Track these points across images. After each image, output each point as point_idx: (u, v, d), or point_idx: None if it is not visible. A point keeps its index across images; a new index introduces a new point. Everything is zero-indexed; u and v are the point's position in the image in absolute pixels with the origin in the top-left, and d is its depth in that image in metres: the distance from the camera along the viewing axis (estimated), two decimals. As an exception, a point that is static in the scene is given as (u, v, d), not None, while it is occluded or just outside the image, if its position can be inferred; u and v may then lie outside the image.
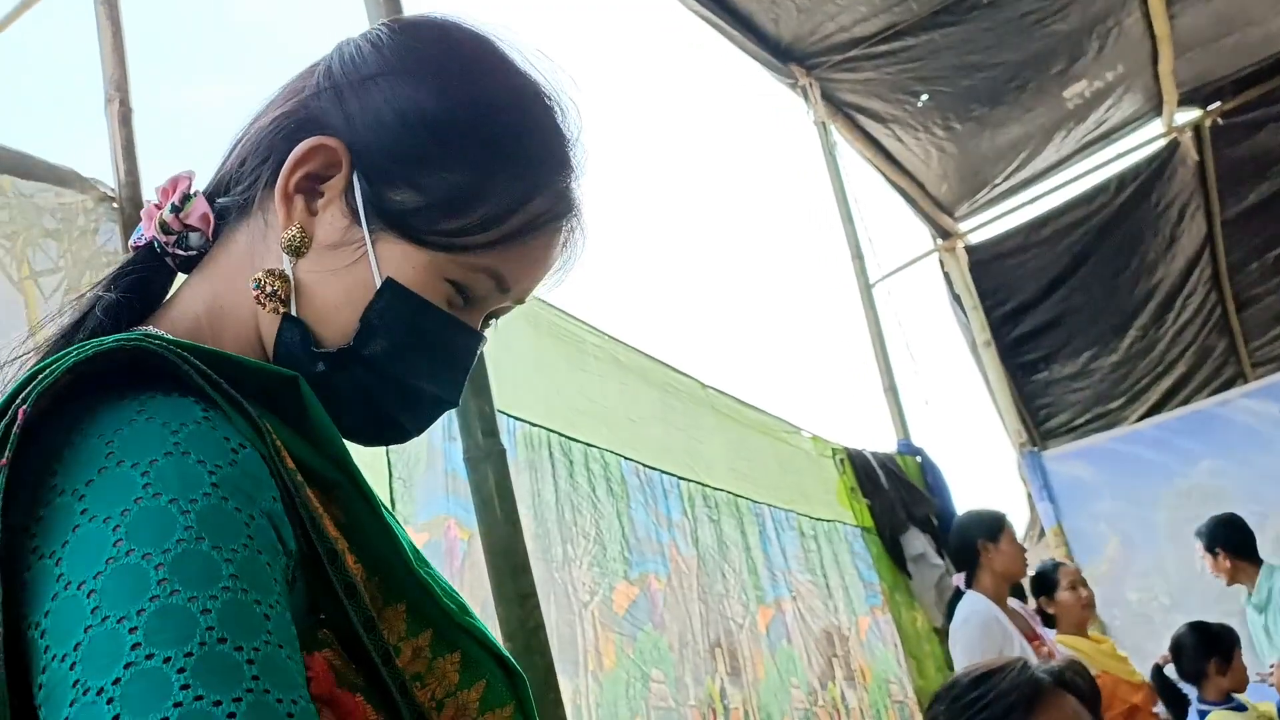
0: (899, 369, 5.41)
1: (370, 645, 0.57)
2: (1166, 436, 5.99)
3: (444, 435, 2.52)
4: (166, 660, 0.47)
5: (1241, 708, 3.59)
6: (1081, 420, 7.14)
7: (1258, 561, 4.34)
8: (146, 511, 0.51)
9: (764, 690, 3.26)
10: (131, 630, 0.48)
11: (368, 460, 2.37)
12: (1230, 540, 4.36)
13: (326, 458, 0.62)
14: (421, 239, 0.68)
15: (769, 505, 3.74)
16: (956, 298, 6.38)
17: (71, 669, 0.48)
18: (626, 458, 3.04)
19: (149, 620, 0.48)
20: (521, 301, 0.75)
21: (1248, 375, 6.99)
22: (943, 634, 4.40)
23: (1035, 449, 6.26)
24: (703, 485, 3.37)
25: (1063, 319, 6.81)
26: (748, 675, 3.20)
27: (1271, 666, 3.71)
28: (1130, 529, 5.87)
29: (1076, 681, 1.35)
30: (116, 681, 0.46)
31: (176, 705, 0.46)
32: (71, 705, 0.47)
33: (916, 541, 4.39)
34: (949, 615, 3.79)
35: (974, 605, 3.51)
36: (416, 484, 2.43)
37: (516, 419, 2.69)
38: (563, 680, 2.34)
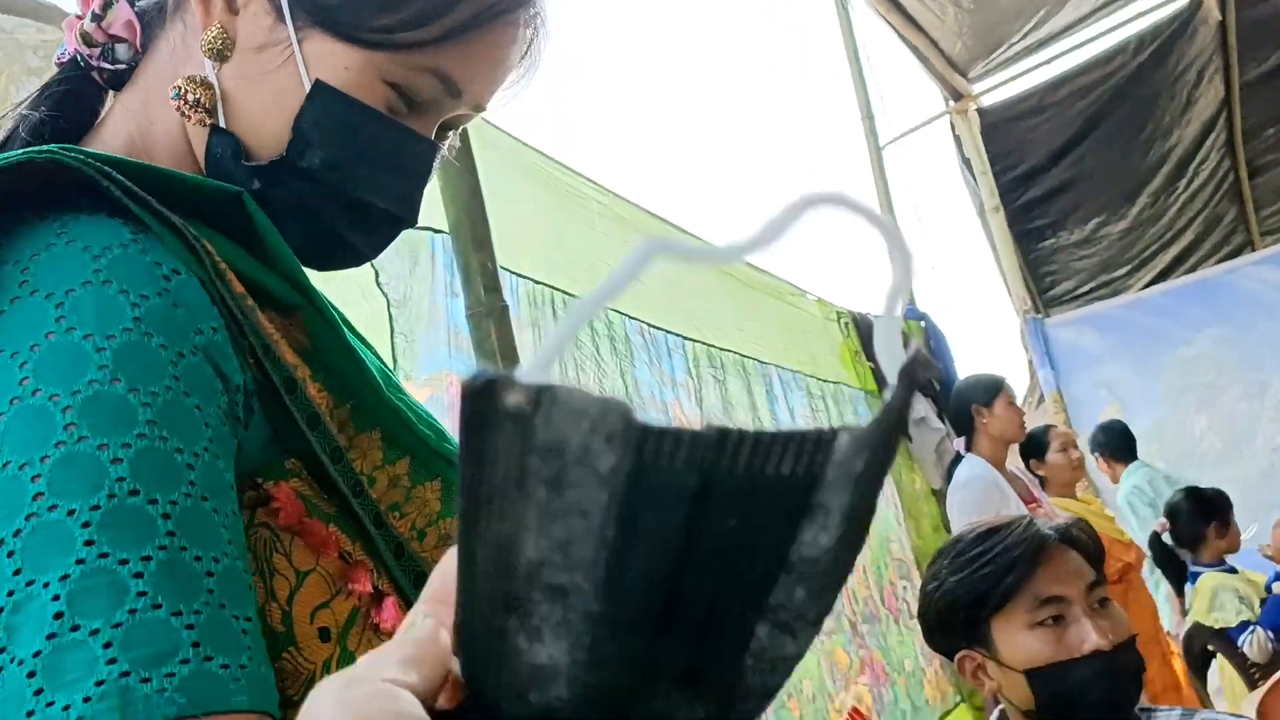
0: (908, 233, 5.33)
1: (337, 476, 0.54)
2: (1172, 304, 5.96)
3: (446, 291, 2.48)
4: (70, 513, 0.43)
5: (1233, 570, 3.66)
6: (1086, 288, 7.10)
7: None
8: (57, 348, 0.46)
9: (767, 546, 3.30)
10: (34, 479, 0.44)
11: (369, 315, 2.33)
12: (1108, 445, 4.81)
13: (282, 278, 0.56)
14: (353, 36, 0.61)
15: (776, 366, 3.73)
16: (966, 161, 6.26)
17: None
18: (631, 317, 3.00)
19: (53, 469, 0.44)
20: (481, 109, 0.68)
21: (1256, 244, 6.92)
22: (940, 495, 4.45)
23: (1038, 316, 6.23)
24: (708, 345, 3.34)
25: (1073, 184, 6.69)
26: (750, 533, 3.24)
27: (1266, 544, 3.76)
28: (1130, 395, 5.90)
29: (1081, 538, 1.34)
30: (17, 533, 0.43)
31: (79, 562, 0.42)
32: None
33: (918, 405, 4.40)
34: (948, 478, 3.84)
35: (972, 468, 3.55)
36: (418, 339, 2.39)
37: (519, 275, 2.64)
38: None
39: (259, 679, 0.45)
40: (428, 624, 0.31)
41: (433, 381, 2.38)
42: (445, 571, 0.33)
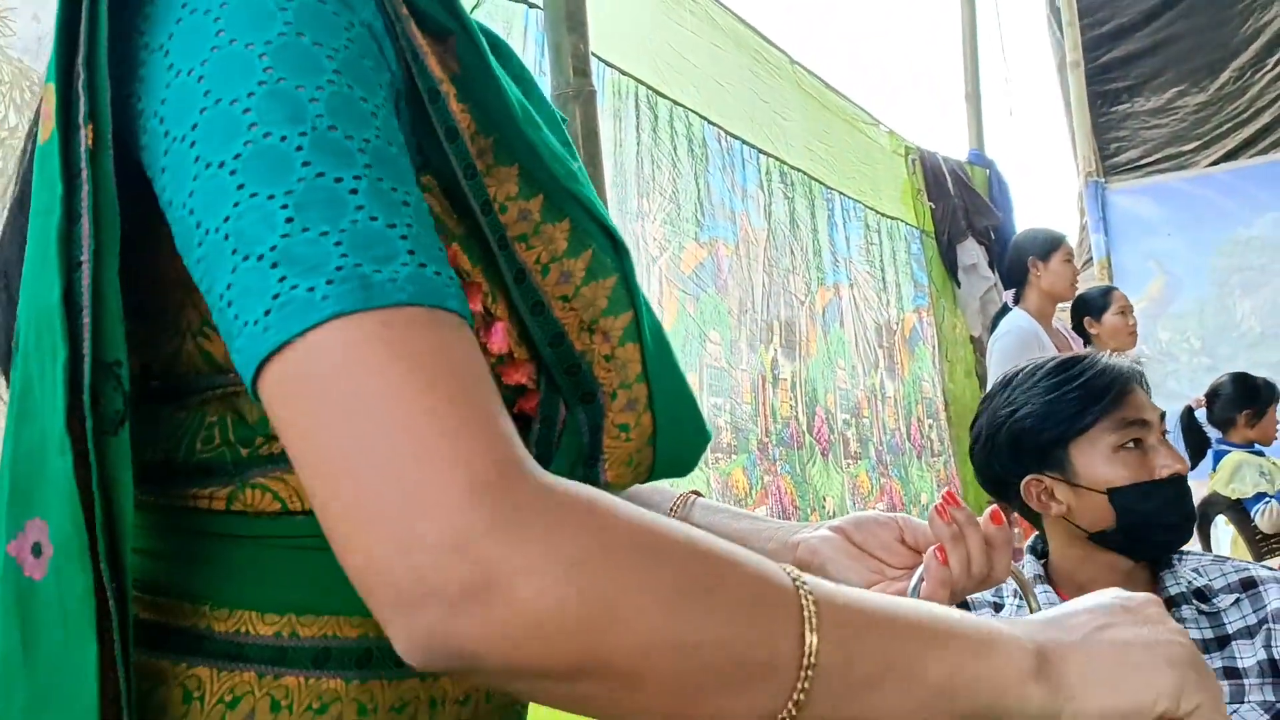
0: (985, 76, 5.18)
1: (469, 191, 0.55)
2: (1239, 183, 5.82)
3: (535, 69, 2.45)
4: (283, 138, 0.46)
5: (1260, 453, 3.72)
6: (1150, 159, 6.91)
7: None
8: (244, 3, 0.49)
9: (813, 366, 3.37)
10: (245, 111, 0.47)
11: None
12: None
13: (438, 1, 0.56)
14: None
15: (839, 193, 3.70)
16: (1056, 10, 5.99)
17: (191, 147, 0.47)
18: (710, 121, 2.96)
19: (260, 102, 0.47)
20: None
21: (1335, 135, 6.68)
22: (978, 343, 4.49)
23: (1100, 180, 6.11)
24: (780, 161, 3.31)
25: (1159, 49, 6.42)
26: (800, 350, 3.30)
27: None
28: (1178, 270, 5.84)
29: (1144, 378, 1.38)
30: (237, 156, 0.46)
31: (300, 180, 0.46)
32: (195, 180, 0.47)
33: (972, 251, 4.38)
34: (993, 327, 3.87)
35: (1017, 320, 3.57)
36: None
37: (607, 63, 2.60)
38: (624, 330, 2.39)
39: (462, 291, 0.48)
40: None
41: (514, 159, 2.37)
42: None
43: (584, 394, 0.60)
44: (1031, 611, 0.75)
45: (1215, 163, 6.51)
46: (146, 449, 0.56)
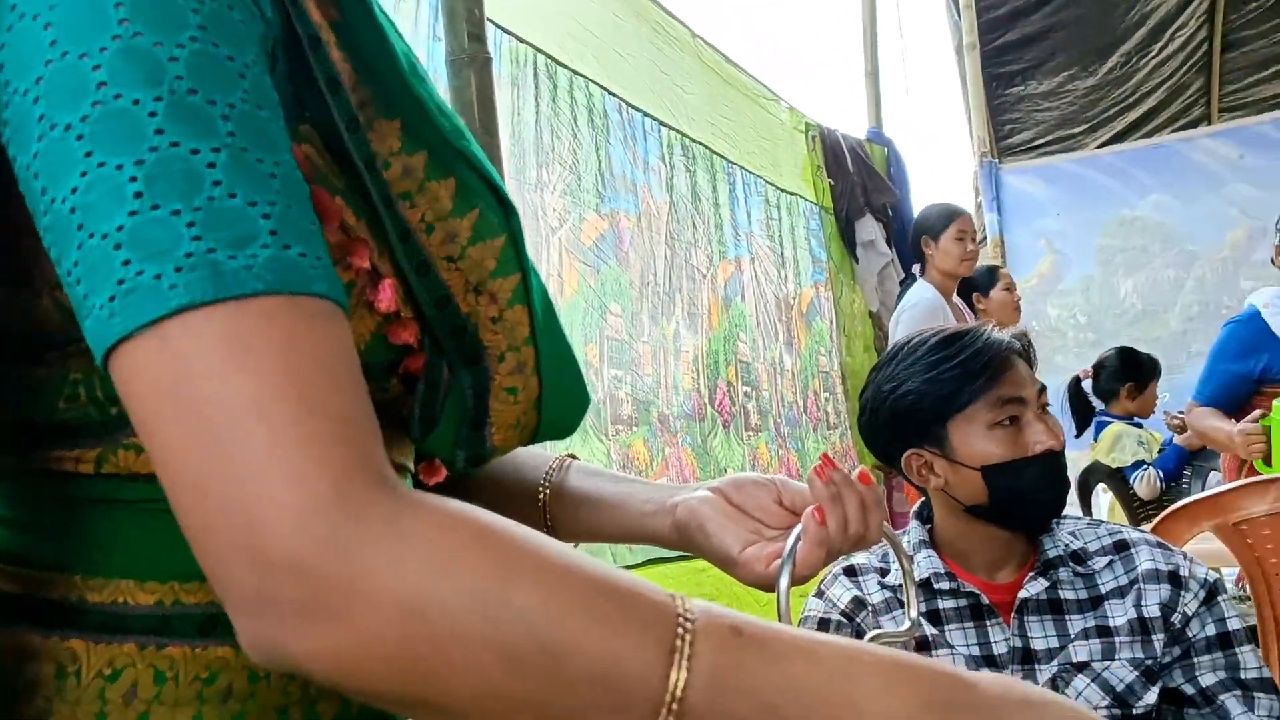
0: (884, 55, 5.26)
1: (351, 145, 0.52)
2: (1123, 165, 6.04)
3: (429, 34, 2.40)
4: (135, 102, 0.43)
5: (1139, 425, 3.88)
6: (1042, 141, 7.13)
7: None
8: None
9: (714, 339, 3.39)
10: (95, 68, 0.43)
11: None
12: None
13: None
14: None
15: (741, 167, 3.72)
16: (953, -8, 6.12)
17: (35, 104, 0.44)
18: (611, 93, 2.94)
19: (112, 59, 0.43)
20: None
21: (1214, 118, 6.97)
22: (876, 318, 4.58)
23: (994, 161, 6.26)
24: (682, 134, 3.31)
25: (1050, 33, 6.60)
26: (702, 323, 3.31)
27: (1181, 412, 3.96)
28: (1066, 249, 6.04)
29: (1026, 350, 1.41)
30: (85, 119, 0.43)
31: (152, 149, 0.43)
32: (40, 140, 0.44)
33: (870, 228, 4.45)
34: (898, 301, 3.94)
35: (922, 292, 3.65)
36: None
37: (504, 30, 2.56)
38: (522, 300, 2.37)
39: (332, 271, 0.46)
40: None
41: (408, 126, 2.32)
42: None
43: (470, 356, 0.59)
44: (904, 570, 0.76)
45: (1103, 145, 6.74)
46: (1, 410, 0.52)
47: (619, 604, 0.45)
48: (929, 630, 1.34)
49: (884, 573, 1.40)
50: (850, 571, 1.42)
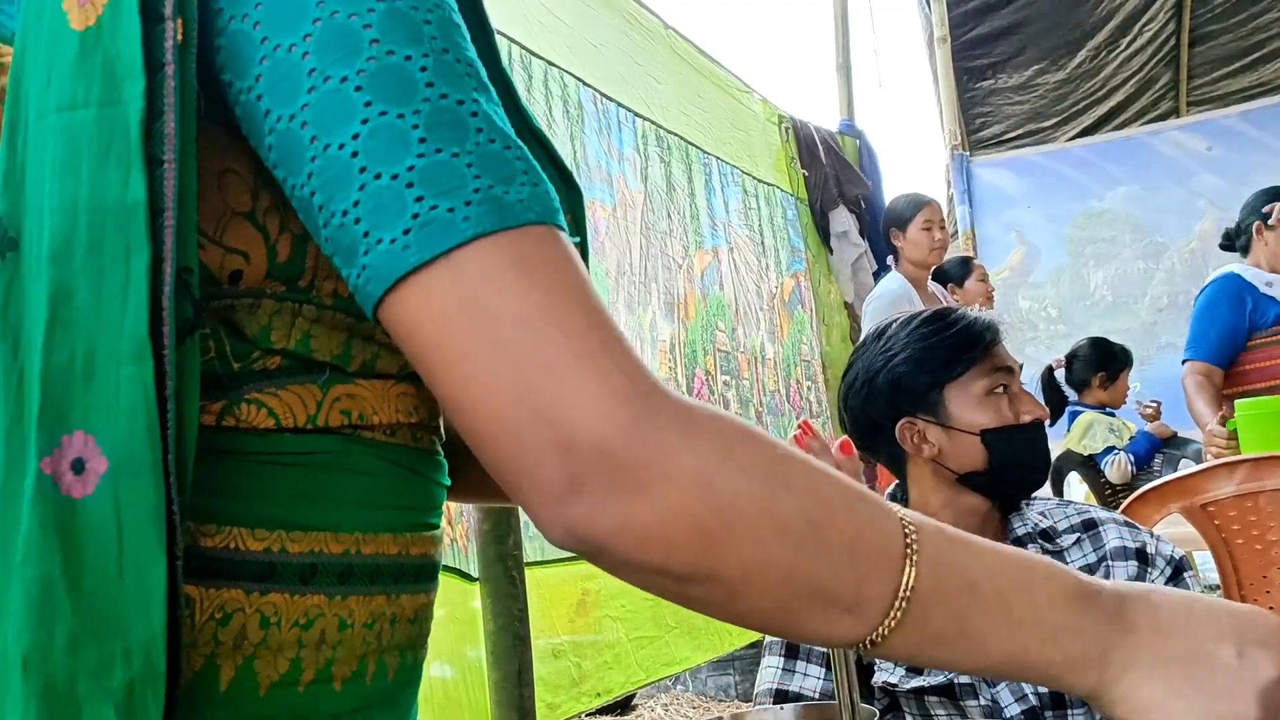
0: (856, 49, 5.28)
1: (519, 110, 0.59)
2: (1092, 158, 6.11)
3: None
4: (408, 58, 0.48)
5: (1110, 414, 3.93)
6: (1013, 134, 7.19)
7: None
8: None
9: (692, 329, 3.40)
10: (366, 27, 0.48)
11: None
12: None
13: None
14: None
15: (716, 157, 3.73)
16: (924, -15, 6.15)
17: (304, 58, 0.48)
18: (585, 83, 2.94)
19: (381, 20, 0.48)
20: None
21: (1182, 112, 7.05)
22: (851, 308, 4.61)
23: (965, 153, 6.32)
24: (656, 125, 3.32)
25: (1021, 26, 6.66)
26: (679, 313, 3.32)
27: (1153, 400, 4.02)
28: (1037, 241, 6.10)
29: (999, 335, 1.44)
30: (360, 73, 0.48)
31: (425, 100, 0.48)
32: (310, 92, 0.48)
33: (843, 219, 4.48)
34: (868, 292, 4.00)
35: (891, 283, 3.71)
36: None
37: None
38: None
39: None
40: None
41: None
42: None
43: None
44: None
45: (1073, 138, 6.81)
46: None
47: (861, 497, 0.52)
48: (902, 609, 1.36)
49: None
50: None
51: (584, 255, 0.63)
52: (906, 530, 0.51)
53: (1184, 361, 3.08)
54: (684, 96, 3.54)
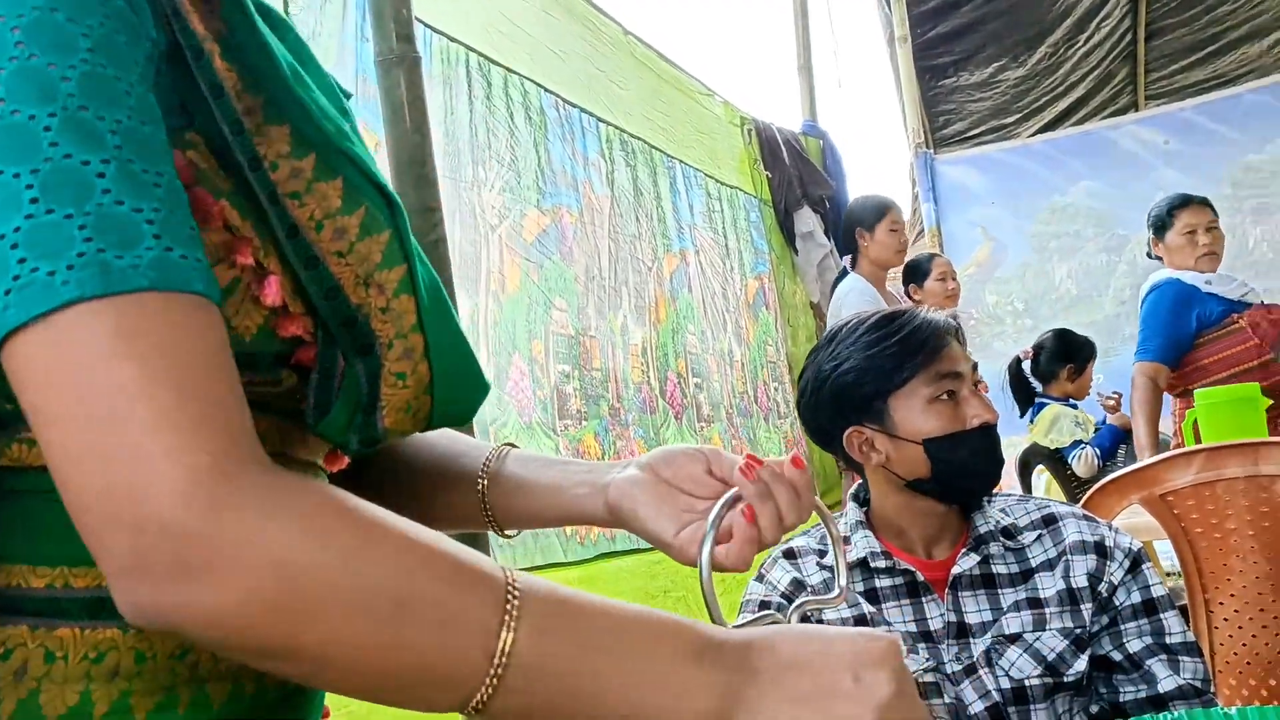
0: (817, 49, 5.32)
1: (236, 147, 0.56)
2: (1054, 153, 6.17)
3: (356, 34, 2.38)
4: (31, 117, 0.47)
5: (1074, 406, 3.97)
6: (976, 131, 7.25)
7: None
8: None
9: (663, 332, 3.41)
10: None
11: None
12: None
13: None
14: None
15: (680, 161, 3.74)
16: (884, -16, 6.19)
17: None
18: (547, 89, 2.94)
19: (10, 79, 0.48)
20: None
21: (1140, 106, 7.13)
22: (817, 308, 4.63)
23: (929, 151, 6.36)
24: (620, 130, 3.33)
25: (980, 25, 6.72)
26: (649, 316, 3.33)
27: (1114, 393, 4.07)
28: (1002, 236, 6.16)
29: (960, 331, 1.45)
30: None
31: (47, 160, 0.47)
32: None
33: (808, 219, 4.50)
34: (832, 292, 4.02)
35: (853, 285, 3.74)
36: (328, 80, 2.31)
37: (433, 29, 2.55)
38: (462, 297, 2.38)
39: (210, 271, 0.51)
40: None
41: (341, 126, 2.31)
42: None
43: (361, 345, 0.62)
44: (831, 537, 0.78)
45: (1034, 134, 6.87)
46: None
47: (457, 567, 0.52)
48: (867, 608, 1.37)
49: (822, 554, 1.42)
50: (789, 554, 1.44)
51: (412, 277, 0.64)
52: (509, 597, 0.52)
53: (1134, 363, 3.25)
54: (646, 101, 3.56)
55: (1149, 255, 3.43)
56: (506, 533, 0.80)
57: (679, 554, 0.73)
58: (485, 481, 0.78)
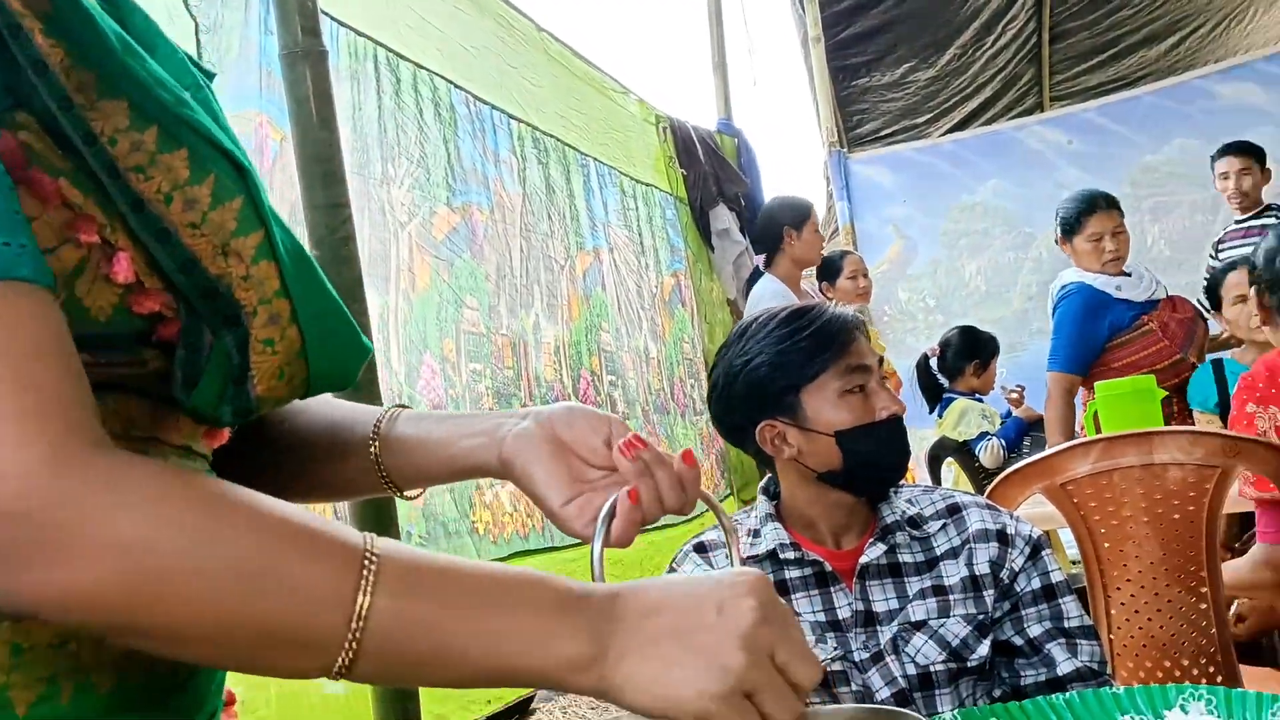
0: (732, 48, 5.36)
1: (67, 124, 0.55)
2: (963, 153, 6.30)
3: (260, 27, 2.33)
4: None
5: (980, 400, 4.06)
6: (888, 131, 7.39)
7: None
8: None
9: (577, 330, 3.39)
10: None
11: (175, 35, 2.17)
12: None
13: None
14: None
15: (594, 159, 3.73)
16: (798, -15, 6.26)
17: None
18: (457, 86, 2.91)
19: None
20: None
21: (1046, 106, 7.35)
22: (734, 305, 4.67)
23: (843, 150, 6.46)
24: (533, 127, 3.30)
25: (891, 26, 6.85)
26: (562, 314, 3.31)
27: (1018, 386, 4.18)
28: (913, 234, 6.28)
29: (866, 326, 1.47)
30: None
31: None
32: None
33: (724, 217, 4.53)
34: (747, 290, 4.07)
35: (769, 285, 3.80)
36: (227, 71, 2.25)
37: (340, 23, 2.51)
38: (371, 295, 2.33)
39: (40, 256, 0.50)
40: None
41: (240, 119, 2.25)
42: None
43: (226, 316, 0.61)
44: (723, 527, 0.78)
45: (945, 134, 7.03)
46: None
47: (313, 536, 0.53)
48: (776, 600, 1.38)
49: (724, 545, 1.43)
50: (700, 549, 1.45)
51: (270, 241, 0.63)
52: (366, 561, 0.53)
53: (1047, 372, 3.32)
54: (560, 98, 3.54)
55: (1057, 242, 3.50)
56: (407, 494, 0.80)
57: (562, 525, 0.73)
58: (377, 445, 0.77)
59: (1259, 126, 5.51)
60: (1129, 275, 3.28)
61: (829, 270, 4.14)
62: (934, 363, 4.17)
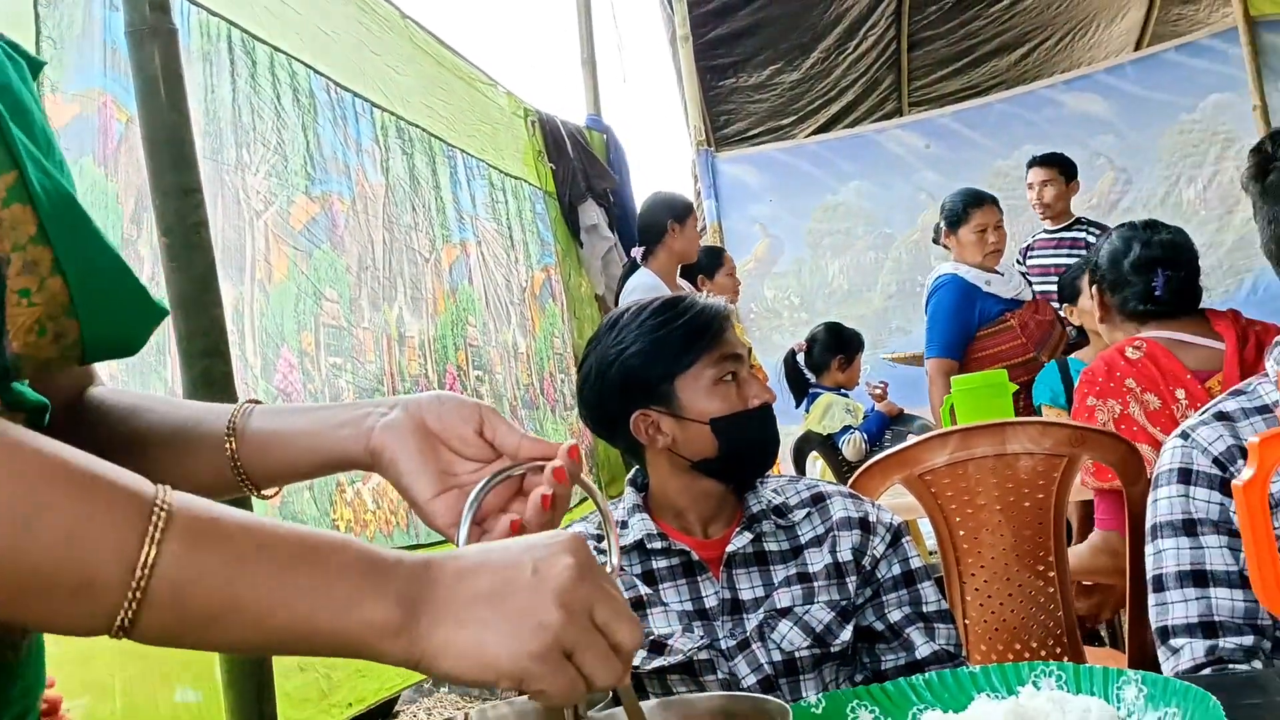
0: (601, 44, 5.35)
1: None
2: (827, 154, 6.46)
3: (105, 2, 2.20)
4: None
5: (845, 395, 4.18)
6: (755, 131, 7.52)
7: None
8: None
9: (442, 324, 3.32)
10: None
11: (10, 13, 2.02)
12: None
13: None
14: None
15: (461, 150, 3.67)
16: (666, -15, 6.30)
17: None
18: (317, 71, 2.81)
19: None
20: None
21: (904, 111, 7.59)
22: (603, 301, 4.67)
23: (710, 150, 6.53)
24: (397, 116, 3.22)
25: (758, 28, 6.96)
26: (427, 308, 3.24)
27: (881, 382, 4.31)
28: (779, 233, 6.41)
29: (733, 317, 1.49)
30: None
31: None
32: None
33: (593, 213, 4.53)
34: (619, 284, 4.08)
35: (643, 278, 3.82)
36: (69, 48, 2.11)
37: (192, 1, 2.39)
38: (225, 285, 2.23)
39: None
40: None
41: (82, 98, 2.12)
42: None
43: None
44: (603, 515, 0.77)
45: (809, 135, 7.19)
46: None
47: (93, 481, 0.50)
48: (643, 590, 1.38)
49: (600, 538, 1.42)
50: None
51: (25, 183, 0.58)
52: (156, 510, 0.50)
53: (926, 359, 3.49)
54: (426, 88, 3.47)
55: (935, 241, 3.65)
56: (264, 492, 0.76)
57: (428, 519, 0.71)
58: (233, 441, 0.73)
59: (1099, 135, 5.83)
60: (1000, 275, 3.45)
61: (710, 264, 4.21)
62: (801, 358, 4.26)
